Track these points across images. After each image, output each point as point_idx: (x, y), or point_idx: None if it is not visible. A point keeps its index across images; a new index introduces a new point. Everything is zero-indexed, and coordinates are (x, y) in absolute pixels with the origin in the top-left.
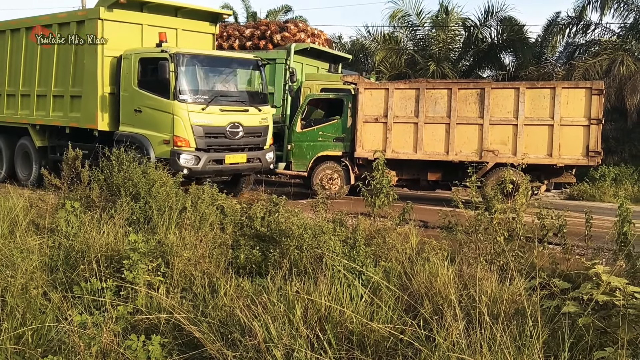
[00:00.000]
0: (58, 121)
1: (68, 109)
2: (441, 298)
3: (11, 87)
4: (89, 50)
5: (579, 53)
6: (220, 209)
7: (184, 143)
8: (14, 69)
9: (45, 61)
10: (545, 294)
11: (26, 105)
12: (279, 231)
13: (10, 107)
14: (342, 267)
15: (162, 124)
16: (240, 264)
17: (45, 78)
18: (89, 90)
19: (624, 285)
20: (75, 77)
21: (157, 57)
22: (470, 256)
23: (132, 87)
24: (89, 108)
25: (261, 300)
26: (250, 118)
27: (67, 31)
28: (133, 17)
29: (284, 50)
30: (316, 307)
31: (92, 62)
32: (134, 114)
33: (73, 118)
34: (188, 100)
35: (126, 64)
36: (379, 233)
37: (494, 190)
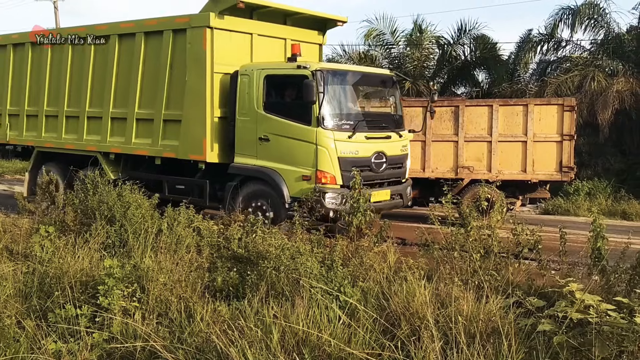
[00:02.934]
0: (144, 150)
1: (159, 136)
2: (418, 318)
3: (73, 107)
4: (194, 65)
5: (551, 69)
6: (196, 230)
7: (330, 179)
8: (76, 85)
9: (124, 77)
10: (521, 312)
11: (96, 130)
12: (257, 252)
13: (71, 130)
14: (320, 289)
15: (299, 155)
16: (217, 287)
17: (124, 97)
18: (193, 114)
19: (597, 302)
20: (171, 97)
21: (293, 74)
22: (447, 274)
23: (255, 110)
24: (193, 135)
25: (238, 325)
26: (393, 146)
27: (158, 42)
28: (243, 25)
29: None
30: (294, 331)
31: (198, 79)
32: (258, 143)
33: (168, 147)
34: (333, 127)
35: (245, 82)
36: (356, 253)
37: (469, 207)
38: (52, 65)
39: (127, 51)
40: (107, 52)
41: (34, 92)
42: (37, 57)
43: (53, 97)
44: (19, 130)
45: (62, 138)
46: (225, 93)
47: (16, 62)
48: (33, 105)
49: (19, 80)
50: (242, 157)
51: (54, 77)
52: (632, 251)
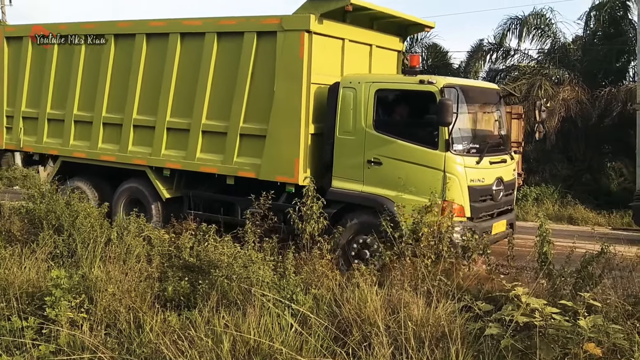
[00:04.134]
0: (212, 167)
1: (234, 152)
2: (369, 325)
3: (113, 112)
4: (286, 74)
5: (500, 78)
6: (147, 240)
7: (457, 211)
8: (118, 89)
9: (186, 82)
10: (470, 316)
11: (145, 140)
12: (208, 261)
13: (111, 140)
14: (272, 297)
15: (421, 183)
16: (168, 296)
17: (187, 105)
18: (283, 130)
19: (542, 306)
20: (251, 109)
21: (415, 90)
22: (399, 280)
23: (363, 129)
24: (282, 154)
25: (188, 335)
26: (508, 170)
27: (236, 44)
28: (337, 29)
29: None
30: (245, 340)
31: (291, 90)
32: (365, 166)
33: (245, 165)
34: (462, 152)
35: (350, 96)
36: (310, 260)
37: (420, 214)
38: (87, 64)
39: (191, 53)
40: (164, 52)
41: (61, 93)
42: (66, 54)
43: (86, 101)
44: (38, 136)
45: (97, 148)
46: (319, 107)
47: (36, 58)
48: (58, 107)
49: (39, 78)
50: (343, 181)
51: (88, 78)
52: (577, 255)
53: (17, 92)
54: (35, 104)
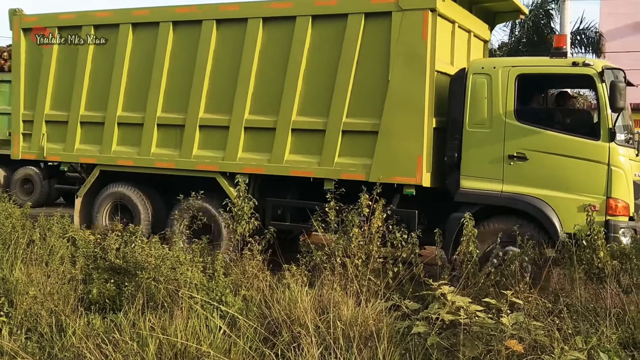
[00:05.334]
0: (306, 170)
1: (335, 152)
2: (299, 325)
3: (171, 112)
4: (404, 60)
5: None
6: (71, 241)
7: (622, 209)
8: (177, 84)
9: (268, 73)
10: (399, 315)
11: (215, 143)
12: (135, 263)
13: (167, 143)
14: (200, 299)
15: (579, 179)
16: (92, 299)
17: (269, 100)
18: (401, 124)
19: (467, 304)
20: (356, 101)
21: (568, 73)
22: (330, 280)
23: (502, 120)
24: (400, 151)
25: (112, 339)
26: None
27: (336, 28)
28: (452, 11)
29: None
30: (171, 343)
31: (410, 79)
32: (506, 163)
33: (351, 166)
34: (622, 142)
35: (482, 84)
36: (240, 261)
37: (352, 214)
38: (134, 58)
39: (275, 41)
40: (238, 38)
41: (98, 92)
42: (105, 46)
43: (134, 100)
44: (67, 142)
45: (150, 154)
46: (441, 98)
47: (65, 52)
48: (95, 109)
49: (69, 76)
50: (476, 180)
51: (135, 74)
52: None
53: (39, 92)
54: (64, 106)
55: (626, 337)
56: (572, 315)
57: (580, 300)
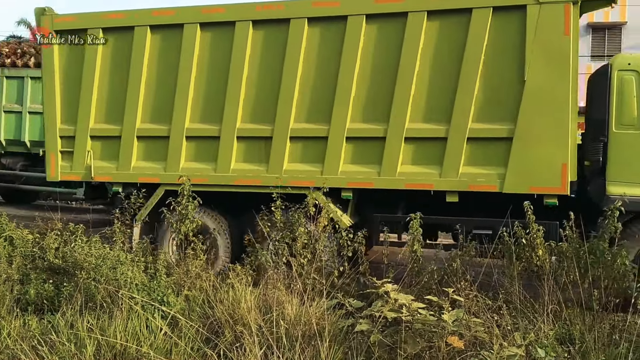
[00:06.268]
0: (424, 182)
1: (459, 162)
2: (242, 325)
3: (252, 122)
4: (546, 57)
5: None
6: (8, 240)
7: None
8: (259, 92)
9: (376, 76)
10: (343, 313)
11: (310, 155)
12: (74, 263)
13: (249, 158)
14: (140, 299)
15: None
16: (30, 300)
17: (377, 106)
18: (541, 128)
19: (409, 302)
20: (484, 104)
21: None
22: (274, 280)
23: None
24: (542, 159)
25: (49, 340)
26: None
27: (454, 25)
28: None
29: None
30: (110, 344)
31: (553, 77)
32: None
33: (479, 176)
34: None
35: (630, 81)
36: (183, 260)
37: (298, 214)
38: (206, 62)
39: (380, 40)
40: (338, 41)
41: (158, 101)
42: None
43: (207, 110)
44: (121, 160)
45: (230, 170)
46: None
47: (112, 58)
48: (156, 121)
49: (119, 85)
50: (626, 185)
51: (209, 80)
52: (444, 254)
53: (82, 104)
54: (114, 119)
55: (563, 332)
56: (512, 312)
57: (519, 297)
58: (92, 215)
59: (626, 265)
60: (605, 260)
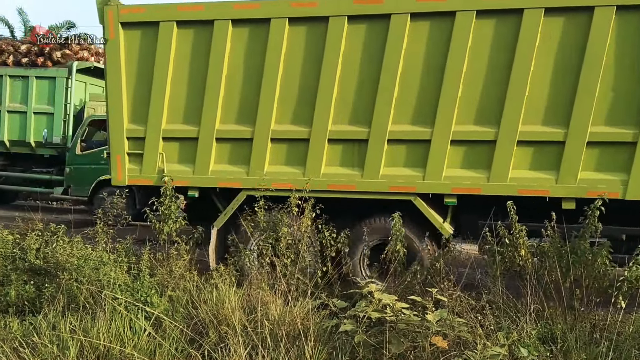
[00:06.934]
0: (537, 189)
1: (577, 167)
2: (227, 325)
3: (344, 123)
4: None
5: None
6: None
7: None
8: (359, 88)
9: (485, 74)
10: (327, 313)
11: (410, 159)
12: (56, 263)
13: (342, 162)
14: (124, 300)
15: None
16: (10, 301)
17: (486, 107)
18: None
19: (393, 302)
20: (607, 107)
21: None
22: (258, 280)
23: None
24: None
25: (31, 342)
26: None
27: (576, 22)
28: None
29: (64, 68)
30: (93, 346)
31: None
32: None
33: (601, 182)
34: None
35: None
36: (166, 261)
37: (281, 214)
38: (293, 59)
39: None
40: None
41: (241, 101)
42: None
43: (295, 110)
44: (197, 163)
45: (320, 174)
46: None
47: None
48: (237, 121)
49: (195, 82)
50: None
51: (297, 77)
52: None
53: (153, 102)
54: (190, 119)
55: (545, 332)
56: (495, 311)
57: (502, 297)
58: (74, 216)
59: (606, 265)
60: (586, 260)
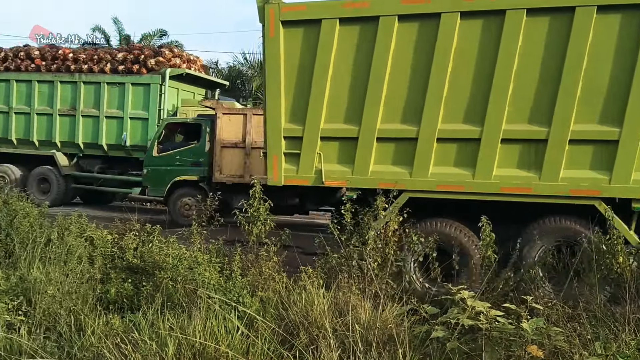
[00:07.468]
0: None
1: None
2: (317, 327)
3: (519, 122)
4: None
5: None
6: (89, 240)
7: None
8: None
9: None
10: (417, 319)
11: (592, 161)
12: (153, 263)
13: (516, 163)
14: (218, 299)
15: None
16: (110, 299)
17: None
18: None
19: (487, 309)
20: None
21: None
22: (346, 283)
23: None
24: None
25: (132, 339)
26: None
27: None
28: None
29: (158, 75)
30: (190, 343)
31: None
32: None
33: None
34: None
35: None
36: (256, 262)
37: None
38: (464, 55)
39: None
40: None
41: (405, 99)
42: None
43: (467, 110)
44: (357, 163)
45: (492, 176)
46: None
47: (349, 51)
48: (400, 121)
49: (356, 81)
50: None
51: (467, 74)
52: None
53: (312, 102)
54: (350, 118)
55: None
56: (592, 320)
57: (599, 306)
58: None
59: None
60: None
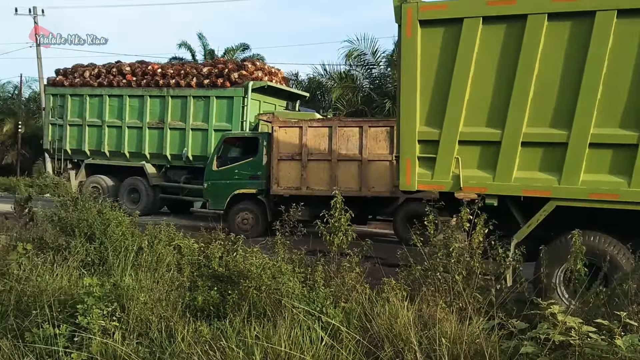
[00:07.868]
0: None
1: None
2: (401, 340)
3: None
4: None
5: None
6: (177, 248)
7: None
8: None
9: None
10: (504, 333)
11: None
12: (237, 271)
13: None
14: (302, 309)
15: None
16: (198, 306)
17: None
18: None
19: (579, 325)
20: None
21: None
22: (430, 296)
23: None
24: None
25: (219, 346)
26: None
27: None
28: None
29: (241, 88)
30: (276, 352)
31: None
32: None
33: None
34: None
35: None
36: (338, 272)
37: (452, 229)
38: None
39: None
40: None
41: (554, 101)
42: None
43: (627, 111)
44: (499, 169)
45: None
46: None
47: (492, 52)
48: (549, 125)
49: (500, 82)
50: None
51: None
52: None
53: (451, 104)
54: (492, 121)
55: None
56: None
57: None
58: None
59: None
60: None
